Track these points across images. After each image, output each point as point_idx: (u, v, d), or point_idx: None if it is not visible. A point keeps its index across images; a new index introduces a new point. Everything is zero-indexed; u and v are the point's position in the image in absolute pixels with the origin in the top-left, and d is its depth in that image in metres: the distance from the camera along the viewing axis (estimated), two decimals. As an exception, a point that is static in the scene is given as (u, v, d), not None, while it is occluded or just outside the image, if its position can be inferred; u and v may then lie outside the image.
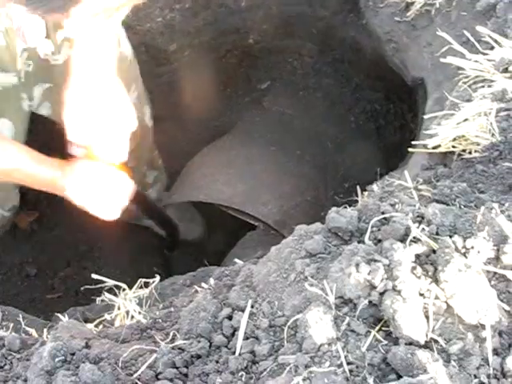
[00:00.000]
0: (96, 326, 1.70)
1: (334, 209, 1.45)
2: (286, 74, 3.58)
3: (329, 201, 3.05)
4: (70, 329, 1.50)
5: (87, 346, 1.45)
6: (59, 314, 1.88)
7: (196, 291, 1.66)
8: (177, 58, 3.28)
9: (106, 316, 1.76)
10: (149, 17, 3.03)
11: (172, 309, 1.63)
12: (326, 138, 3.41)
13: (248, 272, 1.50)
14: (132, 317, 1.68)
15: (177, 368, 1.36)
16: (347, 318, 1.26)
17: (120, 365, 1.39)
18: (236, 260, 1.75)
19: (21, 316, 1.87)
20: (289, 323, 1.31)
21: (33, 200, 3.48)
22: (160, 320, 1.57)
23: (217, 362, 1.35)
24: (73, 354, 1.41)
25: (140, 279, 1.86)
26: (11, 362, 1.52)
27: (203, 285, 1.64)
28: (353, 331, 1.25)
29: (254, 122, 3.52)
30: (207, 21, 3.17)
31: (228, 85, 3.65)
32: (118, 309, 1.75)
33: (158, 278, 1.85)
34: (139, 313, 1.67)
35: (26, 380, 1.41)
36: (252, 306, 1.40)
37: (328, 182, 3.23)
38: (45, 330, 1.74)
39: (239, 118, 3.60)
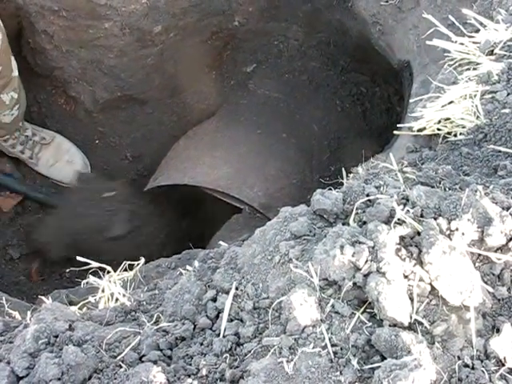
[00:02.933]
0: (80, 308, 1.69)
1: (318, 191, 1.45)
2: (271, 56, 3.57)
3: (314, 184, 3.05)
4: (54, 311, 1.49)
5: (71, 329, 1.44)
6: (43, 297, 1.87)
7: (181, 273, 1.65)
8: (161, 40, 3.25)
9: (90, 298, 1.75)
10: (133, -2, 3.01)
11: (156, 291, 1.62)
12: (311, 121, 3.41)
13: (232, 254, 1.50)
14: (116, 299, 1.67)
15: (161, 350, 1.36)
16: (331, 300, 1.26)
17: (104, 347, 1.38)
18: (221, 242, 1.75)
19: (4, 298, 1.86)
20: (273, 305, 1.31)
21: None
22: (144, 302, 1.57)
23: (201, 344, 1.35)
24: (56, 337, 1.40)
25: (124, 261, 1.85)
26: (-6, 345, 1.51)
27: (188, 267, 1.63)
28: (337, 313, 1.25)
29: (239, 104, 3.51)
30: (192, 2, 3.14)
31: (213, 67, 3.64)
32: (103, 291, 1.74)
33: (142, 260, 1.84)
34: (123, 295, 1.66)
35: (9, 362, 1.39)
36: (236, 288, 1.40)
37: (314, 165, 3.23)
38: (28, 312, 1.73)
39: (225, 100, 3.59)
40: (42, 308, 1.54)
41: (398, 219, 1.32)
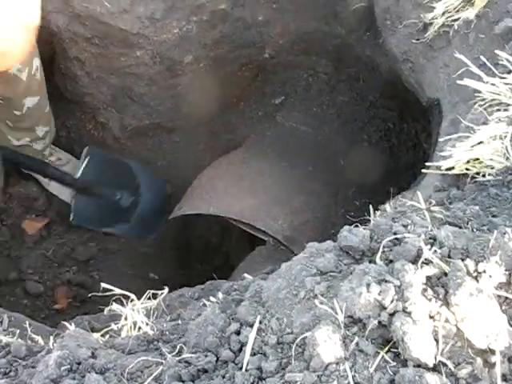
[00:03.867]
0: (102, 335, 1.70)
1: (346, 227, 1.45)
2: (300, 89, 3.58)
3: (339, 218, 3.05)
4: (77, 338, 1.50)
5: (93, 356, 1.44)
6: (65, 322, 1.87)
7: (204, 304, 1.65)
8: (192, 70, 3.28)
9: (113, 326, 1.75)
10: (165, 28, 3.04)
11: (179, 321, 1.63)
12: (338, 155, 3.41)
13: (257, 287, 1.50)
14: (139, 328, 1.67)
15: (183, 382, 1.35)
16: (356, 338, 1.26)
17: (126, 376, 1.38)
18: (245, 275, 1.74)
19: (27, 323, 1.87)
20: (297, 341, 1.30)
21: (42, 207, 3.50)
22: (167, 332, 1.57)
23: (223, 377, 1.34)
24: (79, 364, 1.41)
25: (148, 290, 1.85)
26: (16, 369, 1.52)
27: (211, 298, 1.63)
28: (361, 351, 1.24)
29: (266, 136, 3.53)
30: (224, 34, 3.17)
31: (242, 98, 3.66)
32: (125, 319, 1.75)
33: (166, 289, 1.84)
34: (146, 324, 1.67)
35: (30, 387, 1.40)
36: (260, 322, 1.39)
37: (339, 199, 3.23)
38: (51, 337, 1.73)
39: (252, 131, 3.61)
40: (65, 334, 1.54)
41: (425, 259, 1.31)
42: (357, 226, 1.51)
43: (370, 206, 1.83)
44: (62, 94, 3.43)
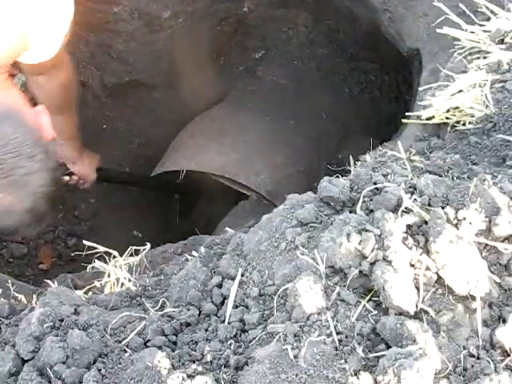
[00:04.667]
0: (85, 292, 1.70)
1: (325, 178, 1.44)
2: (280, 43, 3.55)
3: (322, 172, 3.04)
4: (59, 295, 1.50)
5: (76, 313, 1.45)
6: (49, 281, 1.87)
7: (186, 259, 1.65)
8: (170, 26, 3.24)
9: (96, 283, 1.75)
10: (143, -17, 3.00)
11: (162, 277, 1.62)
12: (319, 108, 3.40)
13: (239, 240, 1.50)
14: (122, 284, 1.67)
15: (166, 336, 1.36)
16: (337, 288, 1.26)
17: (109, 332, 1.38)
18: (227, 229, 1.75)
19: (9, 282, 1.86)
20: (279, 292, 1.31)
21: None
22: (150, 288, 1.57)
23: (206, 330, 1.35)
24: (61, 320, 1.41)
25: (130, 246, 1.85)
26: (0, 328, 1.52)
27: (194, 253, 1.63)
28: (343, 301, 1.25)
29: (247, 91, 3.50)
30: (202, -12, 3.14)
31: (221, 54, 3.63)
32: (108, 276, 1.74)
33: (148, 245, 1.84)
34: (129, 280, 1.67)
35: (14, 345, 1.40)
36: (242, 275, 1.39)
37: (321, 152, 3.22)
38: (34, 296, 1.73)
39: (232, 87, 3.58)
40: (48, 292, 1.54)
41: (406, 208, 1.31)
42: (337, 176, 1.50)
43: (351, 157, 1.83)
44: (39, 53, 3.39)
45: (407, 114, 1.96)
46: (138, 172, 3.57)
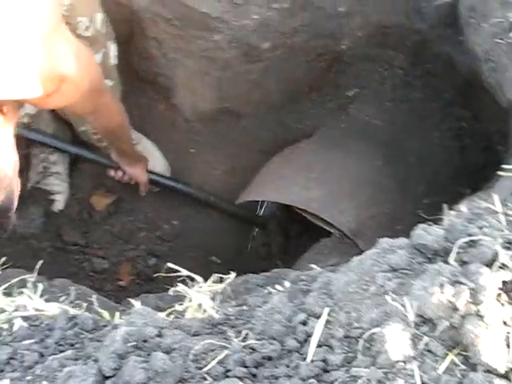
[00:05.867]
0: (167, 315, 1.71)
1: (420, 225, 1.43)
2: (374, 83, 3.54)
3: (407, 215, 3.02)
4: (144, 316, 1.51)
5: (160, 335, 1.46)
6: (132, 300, 1.89)
7: (270, 292, 1.65)
8: (267, 57, 3.28)
9: (177, 307, 1.76)
10: (246, 13, 3.04)
11: (245, 307, 1.62)
12: (409, 151, 3.37)
13: (326, 279, 1.49)
14: (204, 310, 1.68)
15: (247, 367, 1.36)
16: (425, 338, 1.24)
17: (191, 357, 1.39)
18: (312, 265, 1.74)
19: (94, 297, 1.90)
20: (365, 336, 1.30)
21: (110, 183, 3.54)
22: (233, 317, 1.57)
23: (287, 366, 1.34)
24: (145, 341, 1.42)
25: (214, 274, 1.86)
26: (83, 342, 1.54)
27: (277, 287, 1.63)
28: (430, 352, 1.23)
29: (337, 128, 3.50)
30: (304, 22, 3.15)
31: (314, 89, 3.63)
32: (190, 301, 1.75)
33: (233, 274, 1.85)
34: (212, 307, 1.67)
35: (96, 360, 1.42)
36: (328, 314, 1.39)
37: (407, 196, 3.19)
38: (117, 313, 1.76)
39: (323, 122, 3.58)
40: (133, 311, 1.56)
41: (501, 263, 1.29)
42: (429, 224, 1.49)
43: (444, 206, 1.81)
44: (136, 74, 3.46)
45: (503, 166, 1.93)
46: (221, 198, 3.59)
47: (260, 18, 3.06)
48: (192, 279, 1.85)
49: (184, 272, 1.87)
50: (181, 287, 1.81)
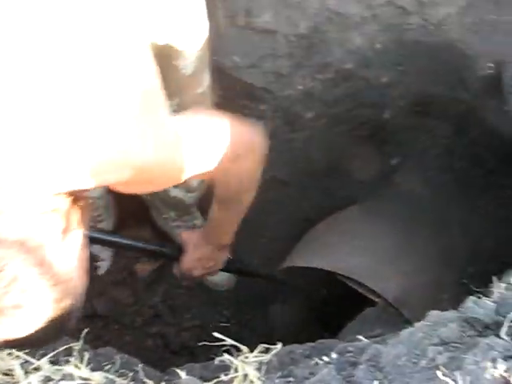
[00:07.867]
0: (212, 385, 1.70)
1: (471, 298, 1.43)
2: (417, 152, 3.55)
3: (451, 285, 3.00)
4: (191, 386, 1.51)
5: (207, 406, 1.45)
6: (177, 369, 1.88)
7: (317, 364, 1.64)
8: (311, 126, 3.31)
9: (223, 377, 1.75)
10: (290, 84, 3.08)
11: (291, 378, 1.62)
12: (453, 220, 3.36)
13: (375, 351, 1.48)
14: (251, 381, 1.67)
15: None
16: (479, 414, 1.23)
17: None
18: (359, 337, 1.73)
19: (139, 366, 1.89)
20: (416, 411, 1.29)
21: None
22: (279, 389, 1.56)
23: None
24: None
25: (260, 344, 1.85)
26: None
27: (324, 358, 1.62)
28: (483, 428, 1.21)
29: (381, 196, 3.51)
30: (347, 92, 3.19)
31: (357, 156, 3.65)
32: (236, 371, 1.74)
33: (279, 344, 1.84)
34: (258, 378, 1.66)
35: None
36: (378, 388, 1.38)
37: (451, 264, 3.17)
38: (162, 383, 1.75)
39: (366, 190, 3.59)
40: (180, 382, 1.56)
41: (555, 338, 1.28)
42: (479, 296, 1.48)
43: (494, 278, 1.79)
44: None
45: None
46: (265, 266, 3.59)
47: (304, 88, 3.10)
48: (238, 349, 1.84)
49: (229, 341, 1.86)
50: (226, 357, 1.80)
